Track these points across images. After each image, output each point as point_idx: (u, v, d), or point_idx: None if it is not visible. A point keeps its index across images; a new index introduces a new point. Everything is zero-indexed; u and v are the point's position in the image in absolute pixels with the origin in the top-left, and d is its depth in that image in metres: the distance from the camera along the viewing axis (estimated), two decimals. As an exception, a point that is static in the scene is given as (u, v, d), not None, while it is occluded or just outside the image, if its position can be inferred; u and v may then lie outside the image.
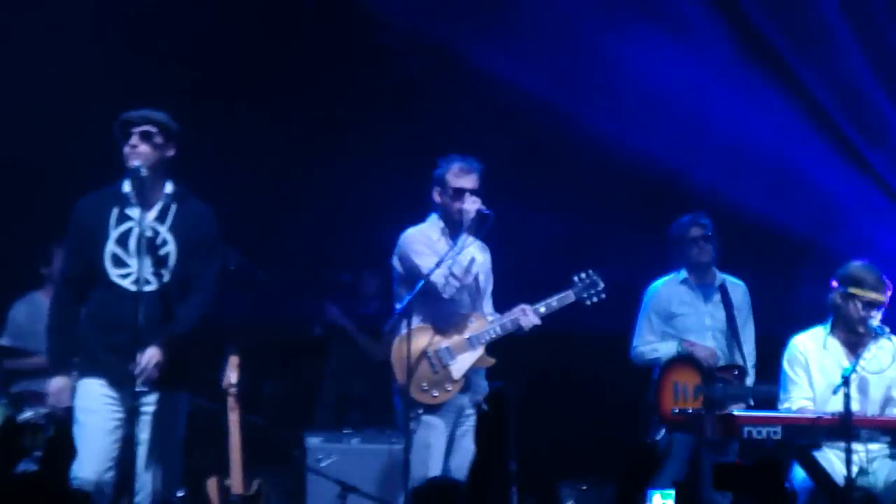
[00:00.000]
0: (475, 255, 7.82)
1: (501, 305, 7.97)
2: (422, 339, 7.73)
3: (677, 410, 8.55)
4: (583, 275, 7.98)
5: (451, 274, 7.67)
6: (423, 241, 7.84)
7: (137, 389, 6.86)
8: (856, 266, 8.05)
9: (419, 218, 7.98)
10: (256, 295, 9.67)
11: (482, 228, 7.82)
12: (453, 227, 7.83)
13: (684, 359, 8.76)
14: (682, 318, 8.93)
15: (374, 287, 10.26)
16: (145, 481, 6.93)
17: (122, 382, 6.90)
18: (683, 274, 9.01)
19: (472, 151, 8.01)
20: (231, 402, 8.17)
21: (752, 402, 8.60)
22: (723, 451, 8.58)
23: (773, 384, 8.44)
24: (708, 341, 8.87)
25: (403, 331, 7.65)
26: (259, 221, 10.15)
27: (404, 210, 8.21)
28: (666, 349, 8.83)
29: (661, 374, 8.74)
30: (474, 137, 9.12)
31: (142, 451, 6.92)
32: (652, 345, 8.90)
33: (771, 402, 8.30)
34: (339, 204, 10.34)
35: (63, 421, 7.08)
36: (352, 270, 10.48)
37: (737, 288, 9.04)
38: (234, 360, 8.25)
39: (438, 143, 8.36)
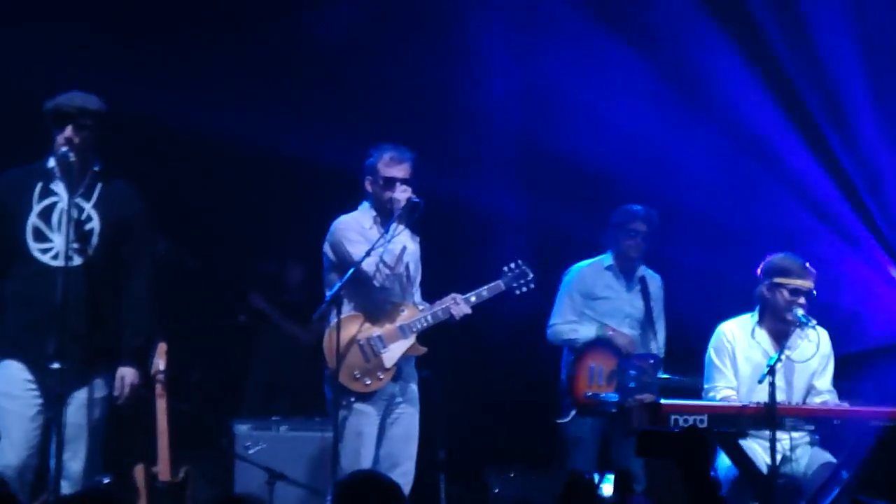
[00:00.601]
0: (406, 243, 7.84)
1: (430, 295, 7.99)
2: (353, 327, 7.74)
3: (590, 394, 8.64)
4: (512, 265, 8.03)
5: (382, 262, 7.68)
6: (356, 229, 7.85)
7: (54, 366, 6.79)
8: (780, 257, 8.15)
9: (350, 206, 7.98)
10: (184, 282, 9.63)
11: (412, 217, 7.84)
12: (384, 216, 7.84)
13: (603, 343, 8.82)
14: (604, 301, 8.99)
15: (299, 275, 10.25)
16: (68, 466, 6.89)
17: (39, 361, 6.84)
18: (609, 260, 9.07)
19: (403, 140, 8.03)
20: (159, 388, 8.12)
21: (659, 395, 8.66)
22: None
23: (687, 376, 8.55)
24: (625, 328, 8.94)
25: (334, 319, 7.65)
26: (185, 209, 10.09)
27: (332, 198, 8.20)
28: (586, 331, 8.88)
29: (578, 356, 8.79)
30: (406, 126, 9.14)
31: (64, 436, 6.87)
32: (572, 324, 8.94)
33: (685, 392, 8.38)
34: (266, 192, 10.31)
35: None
36: (277, 259, 10.45)
37: (654, 280, 9.14)
38: (161, 347, 8.19)
39: (370, 132, 8.37)
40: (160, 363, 8.16)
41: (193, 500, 8.10)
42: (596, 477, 6.26)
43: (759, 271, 8.17)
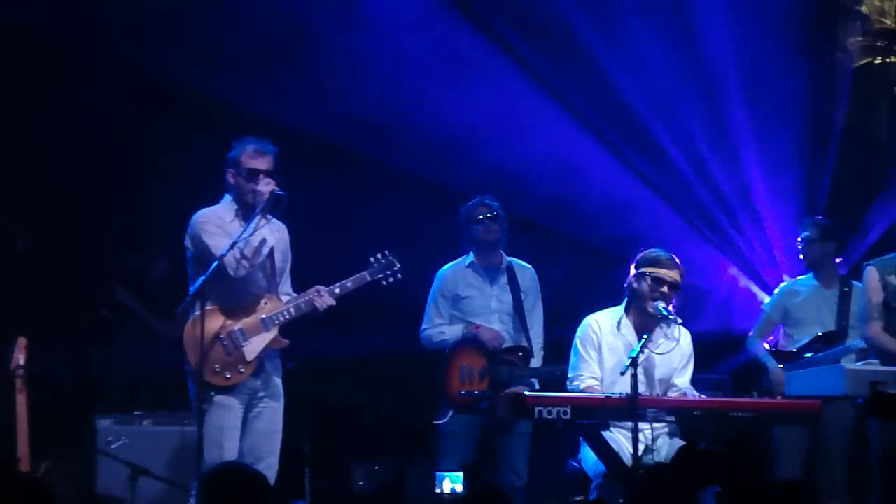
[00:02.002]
0: (270, 235, 7.80)
1: (305, 286, 7.96)
2: (215, 320, 7.68)
3: (464, 392, 8.68)
4: (379, 256, 8.02)
5: (242, 255, 7.63)
6: (215, 222, 7.79)
7: None
8: (651, 250, 8.28)
9: (214, 200, 7.93)
10: (44, 276, 9.51)
11: (277, 209, 7.80)
12: (247, 209, 7.80)
13: (470, 342, 8.86)
14: (469, 300, 9.02)
15: (164, 269, 10.14)
16: None
17: None
18: (470, 258, 9.10)
19: (268, 133, 7.99)
20: (19, 384, 8.01)
21: (537, 385, 8.75)
22: (509, 430, 8.72)
23: (559, 366, 8.61)
24: (494, 324, 8.97)
25: (196, 312, 7.60)
26: (49, 204, 9.96)
27: (198, 192, 8.14)
28: (452, 332, 8.92)
29: (448, 357, 8.83)
30: (270, 118, 9.10)
31: None
32: (439, 328, 8.98)
33: (557, 383, 8.46)
34: (130, 185, 10.19)
35: None
36: (141, 252, 10.35)
37: (524, 271, 9.16)
38: (21, 342, 8.09)
39: (235, 126, 8.32)
40: (20, 358, 8.05)
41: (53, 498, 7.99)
42: (444, 476, 6.29)
43: (631, 263, 8.28)
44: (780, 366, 9.06)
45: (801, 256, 9.35)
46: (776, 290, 9.51)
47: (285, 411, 7.92)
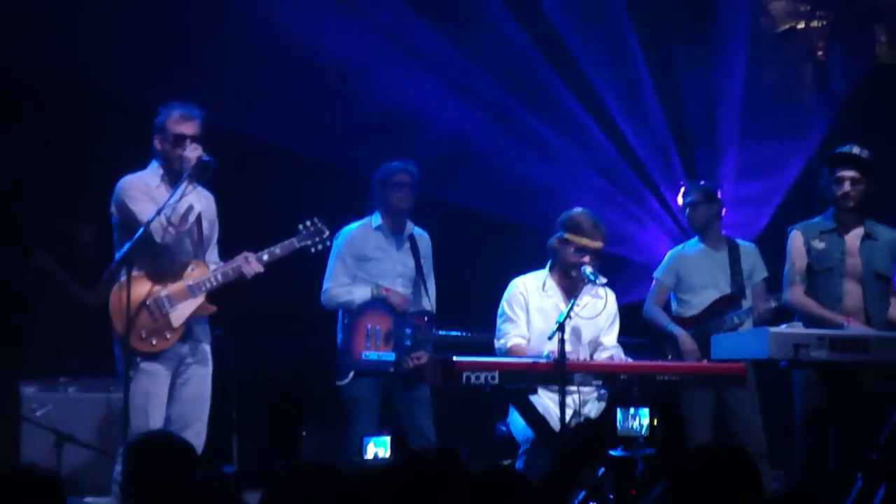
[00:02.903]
0: (197, 202, 7.75)
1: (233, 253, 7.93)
2: (141, 287, 7.62)
3: (368, 355, 8.68)
4: (308, 223, 7.99)
5: (168, 221, 7.58)
6: (140, 188, 7.73)
7: None
8: (575, 213, 8.27)
9: (143, 166, 7.87)
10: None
11: (204, 175, 7.75)
12: (174, 175, 7.74)
13: (378, 303, 8.84)
14: (376, 262, 8.98)
15: (91, 235, 10.05)
16: None
17: None
18: (378, 220, 9.06)
19: (197, 96, 7.93)
20: (-58, 351, 7.96)
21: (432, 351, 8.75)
22: (415, 386, 8.72)
23: (470, 332, 8.67)
24: (398, 287, 8.95)
25: (122, 278, 7.54)
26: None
27: (128, 158, 8.07)
28: (361, 293, 8.87)
29: (354, 317, 8.80)
30: (202, 81, 9.03)
31: None
32: (346, 287, 8.93)
33: (458, 348, 8.49)
34: (56, 149, 10.09)
35: None
36: (67, 218, 10.25)
37: (423, 239, 9.16)
38: (-57, 309, 8.02)
39: (166, 90, 8.26)
40: (-58, 325, 7.98)
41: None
42: (369, 440, 6.29)
43: (556, 224, 8.29)
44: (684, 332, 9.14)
45: (689, 221, 9.42)
46: (665, 257, 9.54)
47: (213, 378, 7.89)
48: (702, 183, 9.56)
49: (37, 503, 4.29)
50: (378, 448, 6.58)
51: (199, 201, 7.78)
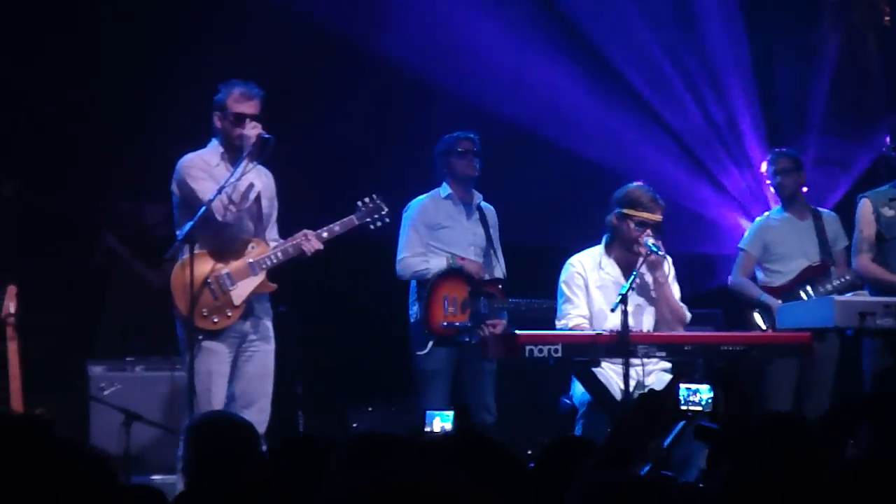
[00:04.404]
0: (258, 180, 7.78)
1: (292, 230, 7.95)
2: (202, 265, 7.66)
3: (446, 324, 8.68)
4: (367, 199, 7.99)
5: (229, 199, 7.61)
6: (201, 167, 7.76)
7: None
8: (632, 187, 8.23)
9: (203, 145, 7.90)
10: (34, 223, 9.48)
11: (263, 153, 7.78)
12: (234, 153, 7.77)
13: (454, 272, 8.84)
14: (448, 230, 8.97)
15: (158, 215, 10.11)
16: None
17: None
18: (447, 189, 9.05)
19: (257, 76, 7.95)
20: (10, 331, 8.02)
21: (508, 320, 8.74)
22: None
23: (540, 300, 8.64)
24: (471, 256, 8.95)
25: (184, 257, 7.59)
26: (38, 149, 9.92)
27: (190, 137, 8.11)
28: (436, 263, 8.86)
29: (431, 287, 8.80)
30: (259, 62, 9.04)
31: None
32: (422, 256, 8.94)
33: (538, 318, 8.47)
34: (122, 130, 10.16)
35: None
36: (133, 198, 10.32)
37: (490, 211, 9.14)
38: (11, 290, 8.08)
39: (222, 69, 8.28)
40: (10, 306, 8.05)
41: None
42: (434, 415, 6.30)
43: (612, 200, 8.25)
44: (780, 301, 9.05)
45: (779, 188, 9.29)
46: (750, 227, 9.45)
47: (277, 354, 7.93)
48: (785, 150, 9.41)
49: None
50: (444, 423, 6.59)
51: (259, 179, 7.80)
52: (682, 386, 6.30)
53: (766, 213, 9.43)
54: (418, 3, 10.26)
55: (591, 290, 8.22)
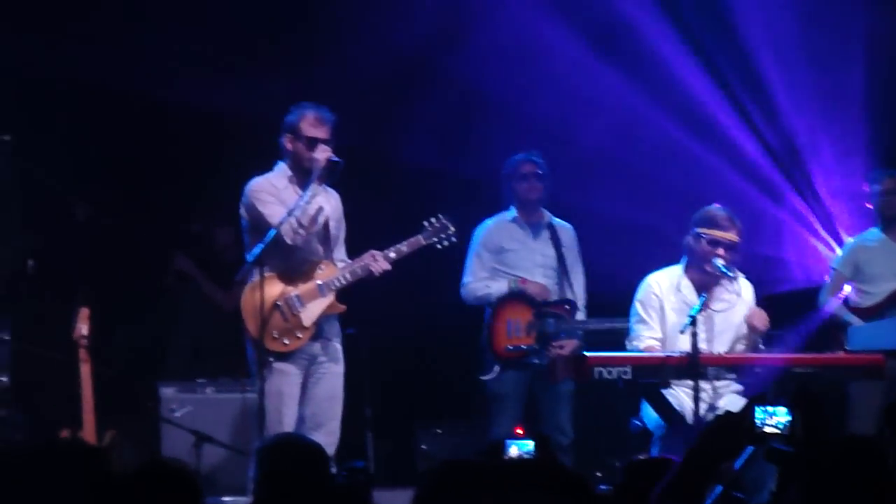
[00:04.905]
0: (326, 202, 7.81)
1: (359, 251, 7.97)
2: (272, 287, 7.71)
3: (511, 347, 8.66)
4: (433, 219, 8.00)
5: (299, 223, 7.66)
6: (268, 190, 7.81)
7: None
8: (709, 208, 8.23)
9: (271, 168, 7.96)
10: (106, 245, 9.56)
11: (332, 176, 7.82)
12: (302, 176, 7.81)
13: (516, 296, 8.82)
14: (513, 254, 8.97)
15: (228, 238, 10.17)
16: None
17: None
18: (513, 212, 9.04)
19: (328, 98, 8.00)
20: (82, 353, 8.10)
21: (581, 339, 8.69)
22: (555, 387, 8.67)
23: (608, 319, 8.61)
24: (538, 278, 8.91)
25: (254, 279, 7.64)
26: (110, 171, 10.02)
27: (261, 158, 8.15)
28: (498, 287, 8.87)
29: (494, 311, 8.79)
30: (329, 84, 9.10)
31: None
32: (484, 281, 8.94)
33: (608, 338, 8.44)
34: (194, 153, 10.24)
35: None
36: (203, 221, 10.39)
37: (565, 229, 9.10)
38: (84, 312, 8.16)
39: (295, 91, 8.33)
40: (83, 328, 8.13)
41: (120, 465, 8.08)
42: (512, 443, 6.28)
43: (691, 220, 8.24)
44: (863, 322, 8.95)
45: (876, 209, 9.18)
46: (844, 247, 9.37)
47: (346, 376, 7.95)
48: (893, 171, 9.30)
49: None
50: (521, 451, 6.57)
51: (328, 201, 7.84)
52: (758, 407, 6.25)
53: (861, 235, 9.33)
54: (495, 26, 10.23)
55: (666, 311, 8.19)
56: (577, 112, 10.18)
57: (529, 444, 5.95)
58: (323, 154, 7.74)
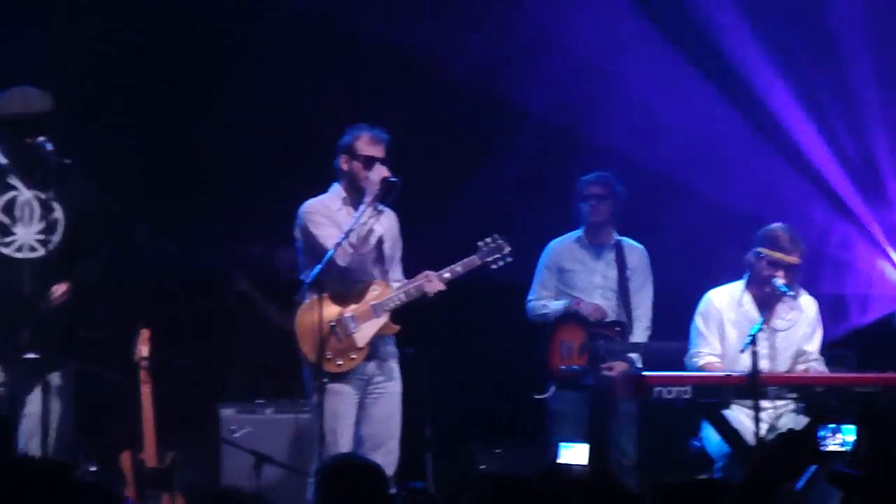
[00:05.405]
0: (379, 223, 7.82)
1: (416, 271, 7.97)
2: (326, 308, 7.71)
3: (564, 368, 8.64)
4: (488, 240, 7.98)
5: (350, 244, 7.67)
6: (322, 212, 7.84)
7: (25, 357, 6.83)
8: (773, 226, 8.19)
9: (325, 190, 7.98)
10: (166, 267, 9.61)
11: (389, 196, 7.83)
12: (357, 196, 7.82)
13: (572, 316, 8.80)
14: (573, 274, 8.95)
15: (289, 259, 10.19)
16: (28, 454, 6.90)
17: (10, 355, 6.88)
18: (580, 232, 9.03)
19: (380, 120, 8.01)
20: (143, 375, 8.15)
21: (638, 362, 8.64)
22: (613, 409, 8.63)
23: (668, 342, 8.57)
24: (597, 299, 8.88)
25: (307, 300, 7.66)
26: (171, 192, 10.09)
27: (318, 180, 8.18)
28: (555, 306, 8.85)
29: (550, 331, 8.78)
30: (381, 106, 9.11)
31: (29, 424, 6.90)
32: (543, 300, 8.93)
33: (666, 359, 8.40)
34: (253, 174, 10.29)
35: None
36: (263, 242, 10.43)
37: (634, 250, 9.04)
38: (144, 333, 8.22)
39: (355, 111, 8.36)
40: (143, 349, 8.19)
41: (180, 486, 8.12)
42: (566, 446, 6.26)
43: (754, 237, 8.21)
44: None
45: None
46: None
47: (405, 396, 7.94)
48: None
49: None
50: (575, 455, 6.55)
51: (382, 221, 7.85)
52: (822, 427, 6.21)
53: None
54: (564, 48, 10.21)
55: (726, 326, 8.16)
56: (649, 135, 10.15)
57: (583, 448, 5.93)
58: (379, 173, 7.76)
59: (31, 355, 6.92)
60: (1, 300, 6.95)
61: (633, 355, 8.69)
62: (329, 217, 7.82)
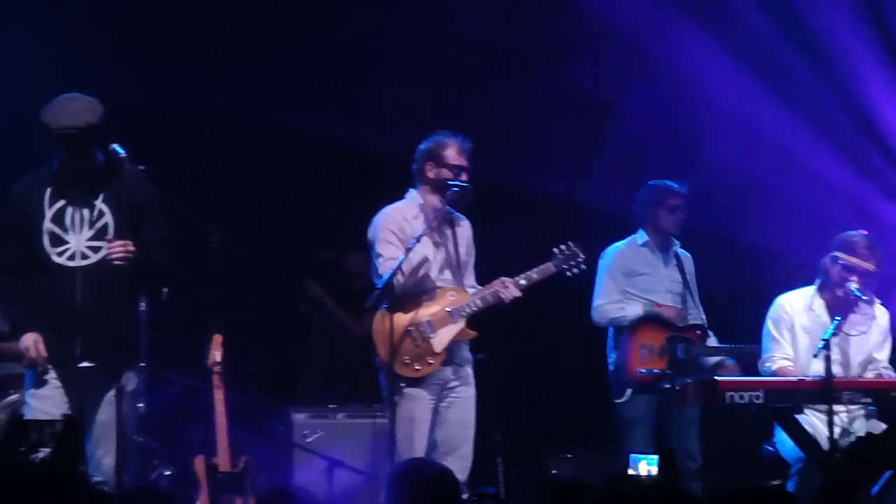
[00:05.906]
0: (457, 230, 7.86)
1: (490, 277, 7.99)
2: (403, 313, 7.75)
3: (644, 371, 8.62)
4: (563, 246, 7.98)
5: (401, 271, 7.68)
6: (394, 227, 7.83)
7: (81, 365, 6.89)
8: (852, 233, 8.17)
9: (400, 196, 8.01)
10: (238, 272, 9.68)
11: (461, 202, 7.85)
12: (434, 203, 7.85)
13: (651, 319, 8.79)
14: (645, 277, 8.93)
15: (360, 264, 10.24)
16: (102, 462, 6.95)
17: (67, 362, 6.93)
18: (643, 236, 9.02)
19: (452, 124, 8.03)
20: (216, 380, 8.21)
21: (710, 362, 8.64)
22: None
23: (742, 345, 8.54)
24: (668, 302, 8.88)
25: (384, 306, 7.69)
26: (243, 199, 10.16)
27: (392, 187, 8.20)
28: (633, 309, 8.83)
29: (628, 334, 8.76)
30: (452, 111, 9.13)
31: (95, 432, 6.95)
32: (618, 304, 8.90)
33: (739, 360, 8.38)
34: (325, 179, 10.34)
35: (71, 415, 7.00)
36: (335, 247, 10.48)
37: (687, 258, 9.08)
38: (217, 339, 8.28)
39: (425, 118, 8.38)
40: (216, 354, 8.24)
41: (253, 490, 8.17)
42: (640, 458, 6.22)
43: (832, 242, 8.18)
44: None
45: None
46: None
47: (476, 402, 7.95)
48: None
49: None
50: (649, 466, 6.53)
51: (455, 228, 7.90)
52: None
53: None
54: (650, 53, 10.20)
55: (797, 331, 8.13)
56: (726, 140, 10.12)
57: (654, 459, 5.90)
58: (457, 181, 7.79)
59: (86, 364, 6.95)
60: (56, 309, 6.98)
61: (708, 359, 8.69)
62: (401, 230, 7.81)
